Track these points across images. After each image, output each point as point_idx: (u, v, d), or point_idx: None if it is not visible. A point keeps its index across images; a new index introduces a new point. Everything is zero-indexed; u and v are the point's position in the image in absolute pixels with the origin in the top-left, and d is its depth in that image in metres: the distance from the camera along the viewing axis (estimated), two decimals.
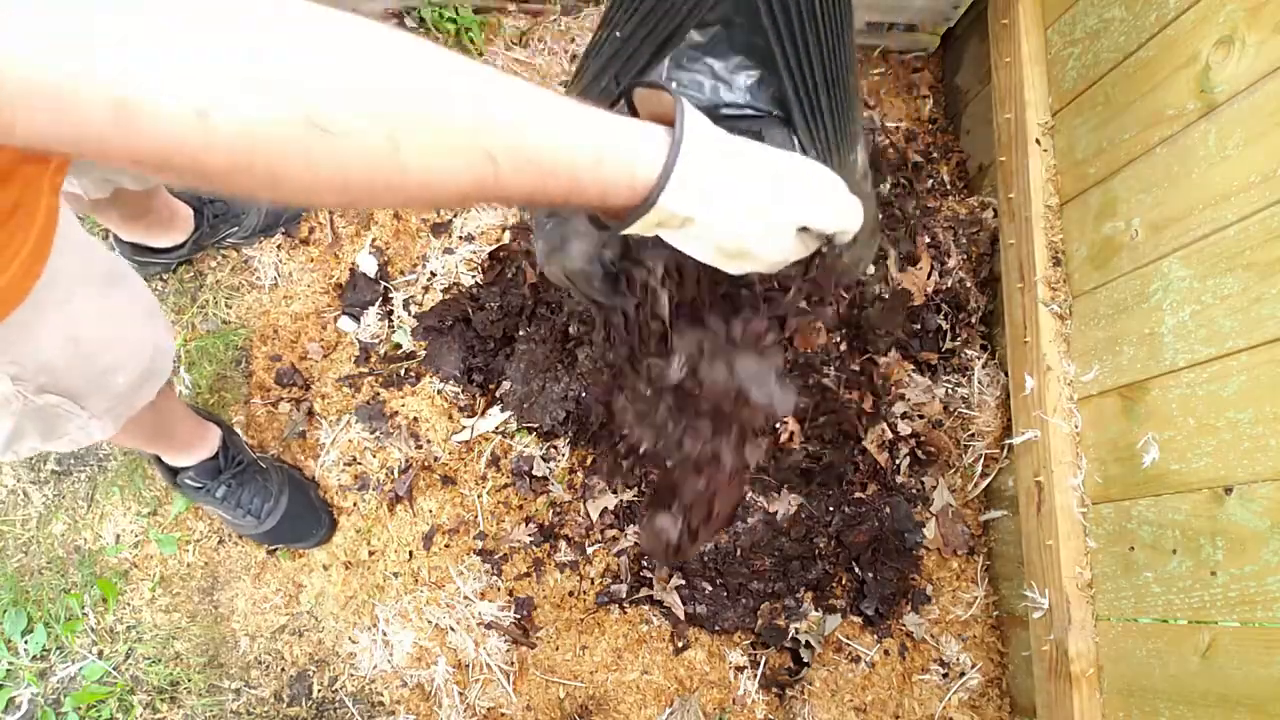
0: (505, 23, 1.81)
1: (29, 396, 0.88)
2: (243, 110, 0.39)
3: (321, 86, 0.41)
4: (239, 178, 0.41)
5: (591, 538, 1.58)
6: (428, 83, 0.46)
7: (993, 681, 1.59)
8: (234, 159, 0.40)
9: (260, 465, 1.50)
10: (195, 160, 0.40)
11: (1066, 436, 1.40)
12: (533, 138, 0.50)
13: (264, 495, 1.48)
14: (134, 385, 1.03)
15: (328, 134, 0.41)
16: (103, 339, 0.95)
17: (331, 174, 0.43)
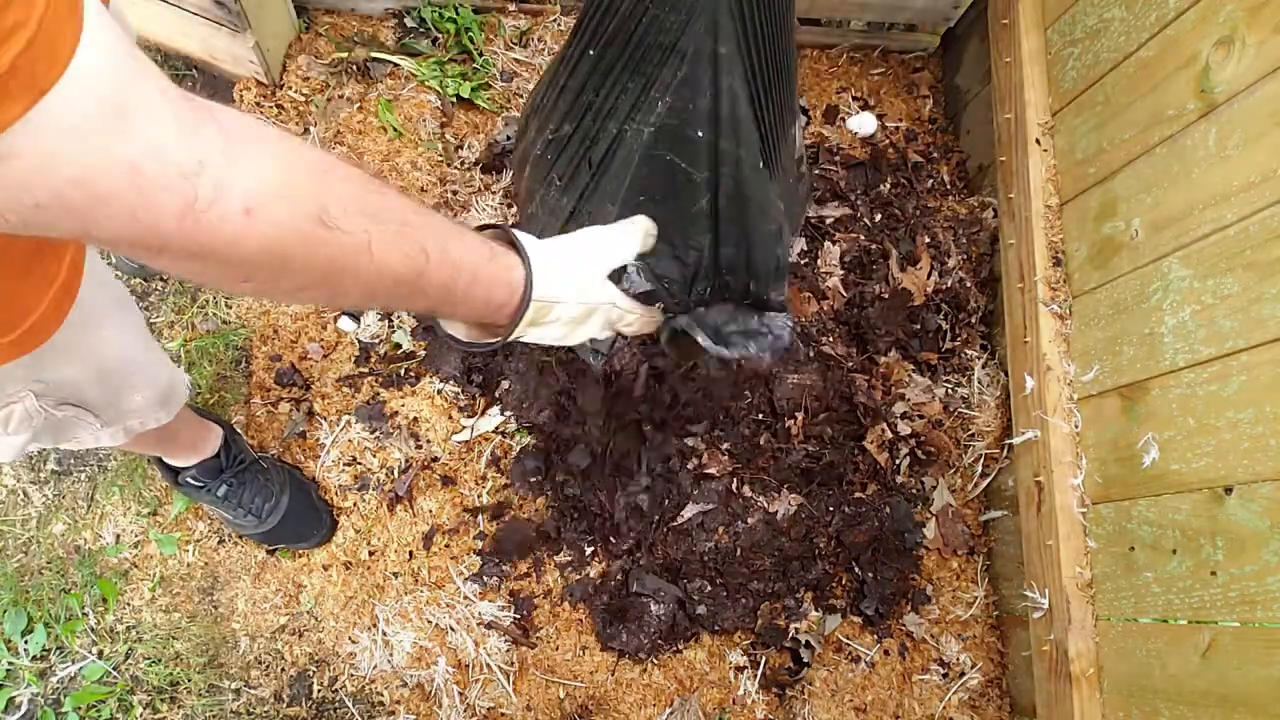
0: (505, 23, 1.81)
1: (50, 410, 0.92)
2: (275, 212, 0.51)
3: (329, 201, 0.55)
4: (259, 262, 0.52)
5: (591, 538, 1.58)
6: (390, 202, 0.63)
7: (993, 681, 1.59)
8: (262, 246, 0.51)
9: (261, 465, 1.50)
10: (233, 248, 0.50)
11: (1066, 436, 1.40)
12: (452, 239, 0.69)
13: (265, 495, 1.48)
14: (150, 405, 1.09)
15: (330, 230, 0.54)
16: (123, 360, 1.00)
17: (325, 260, 0.55)
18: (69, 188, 0.42)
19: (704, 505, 1.58)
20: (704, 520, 1.57)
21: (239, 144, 0.49)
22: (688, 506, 1.57)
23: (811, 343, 1.63)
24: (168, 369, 1.11)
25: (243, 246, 0.50)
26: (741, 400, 1.57)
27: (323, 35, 1.77)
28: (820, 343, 1.64)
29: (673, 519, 1.57)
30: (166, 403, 1.12)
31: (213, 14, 1.55)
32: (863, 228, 1.73)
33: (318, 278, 0.56)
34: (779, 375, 1.60)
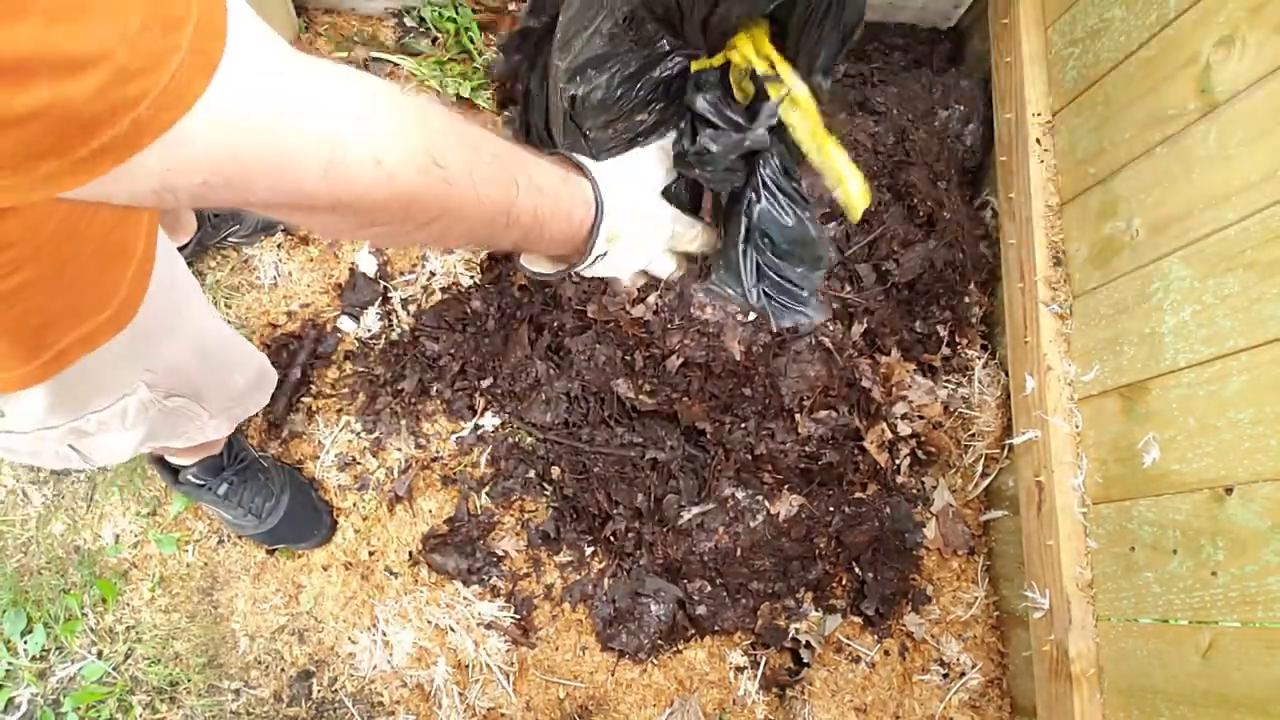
0: (505, 22, 1.81)
1: (161, 401, 0.95)
2: (396, 156, 0.54)
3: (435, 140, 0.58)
4: (388, 207, 0.56)
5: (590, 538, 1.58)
6: (479, 136, 0.65)
7: (993, 682, 1.59)
8: (390, 190, 0.55)
9: (262, 464, 1.50)
10: (366, 196, 0.54)
11: (1067, 436, 1.40)
12: (531, 165, 0.71)
13: (265, 494, 1.47)
14: (250, 387, 1.14)
15: (441, 168, 0.58)
16: (219, 338, 1.05)
17: (438, 197, 0.59)
18: (232, 164, 0.45)
19: (704, 505, 1.58)
20: (704, 520, 1.57)
21: (352, 97, 0.53)
22: (688, 507, 1.57)
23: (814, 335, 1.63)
24: (258, 354, 1.16)
25: (375, 194, 0.54)
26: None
27: (322, 35, 1.77)
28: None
29: (674, 519, 1.57)
30: (262, 384, 1.18)
31: None
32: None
33: (434, 214, 0.60)
34: (785, 367, 1.59)
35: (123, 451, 0.98)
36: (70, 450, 0.93)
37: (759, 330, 1.63)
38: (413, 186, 0.56)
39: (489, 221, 0.66)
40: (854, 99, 1.75)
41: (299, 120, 0.48)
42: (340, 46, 1.75)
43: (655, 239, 0.86)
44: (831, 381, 1.62)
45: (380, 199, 0.55)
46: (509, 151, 0.68)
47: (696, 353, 1.59)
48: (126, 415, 0.92)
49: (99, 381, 0.86)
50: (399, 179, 0.55)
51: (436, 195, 0.59)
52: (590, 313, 1.60)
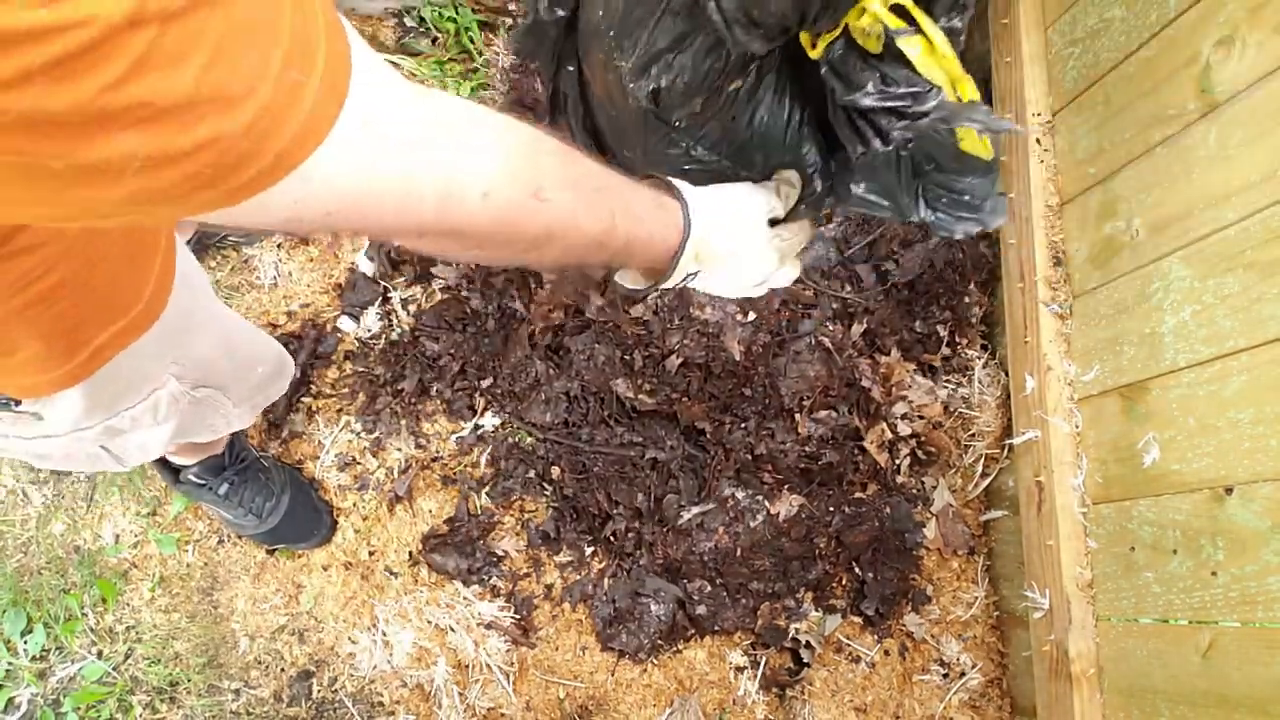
0: (505, 22, 1.81)
1: (190, 392, 0.97)
2: (504, 191, 0.57)
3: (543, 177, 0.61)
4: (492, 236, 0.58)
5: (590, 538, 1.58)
6: (586, 170, 0.68)
7: (993, 682, 1.59)
8: (494, 221, 0.57)
9: (263, 464, 1.50)
10: (473, 226, 0.56)
11: (1067, 436, 1.40)
12: (629, 193, 0.75)
13: (266, 494, 1.47)
14: (271, 377, 1.16)
15: (546, 201, 0.60)
16: (244, 331, 1.09)
17: (540, 229, 0.62)
18: (359, 196, 0.47)
19: (704, 505, 1.58)
20: (704, 520, 1.57)
21: (468, 131, 0.55)
22: (688, 507, 1.57)
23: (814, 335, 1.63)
24: (275, 344, 1.19)
25: (480, 224, 0.56)
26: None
27: None
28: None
29: (674, 519, 1.57)
30: (282, 371, 1.20)
31: None
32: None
33: (532, 243, 0.63)
34: (785, 367, 1.59)
35: (154, 448, 0.99)
36: (102, 451, 0.94)
37: (758, 330, 1.63)
38: (514, 219, 0.59)
39: (584, 247, 0.69)
40: None
41: (424, 152, 0.50)
42: None
43: (759, 263, 0.89)
44: (831, 381, 1.62)
45: (484, 229, 0.57)
46: (611, 181, 0.71)
47: (696, 353, 1.59)
48: (159, 409, 0.93)
49: (132, 377, 0.87)
50: (503, 212, 0.57)
51: (538, 226, 0.61)
52: (589, 313, 1.60)
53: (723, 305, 1.61)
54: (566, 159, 0.65)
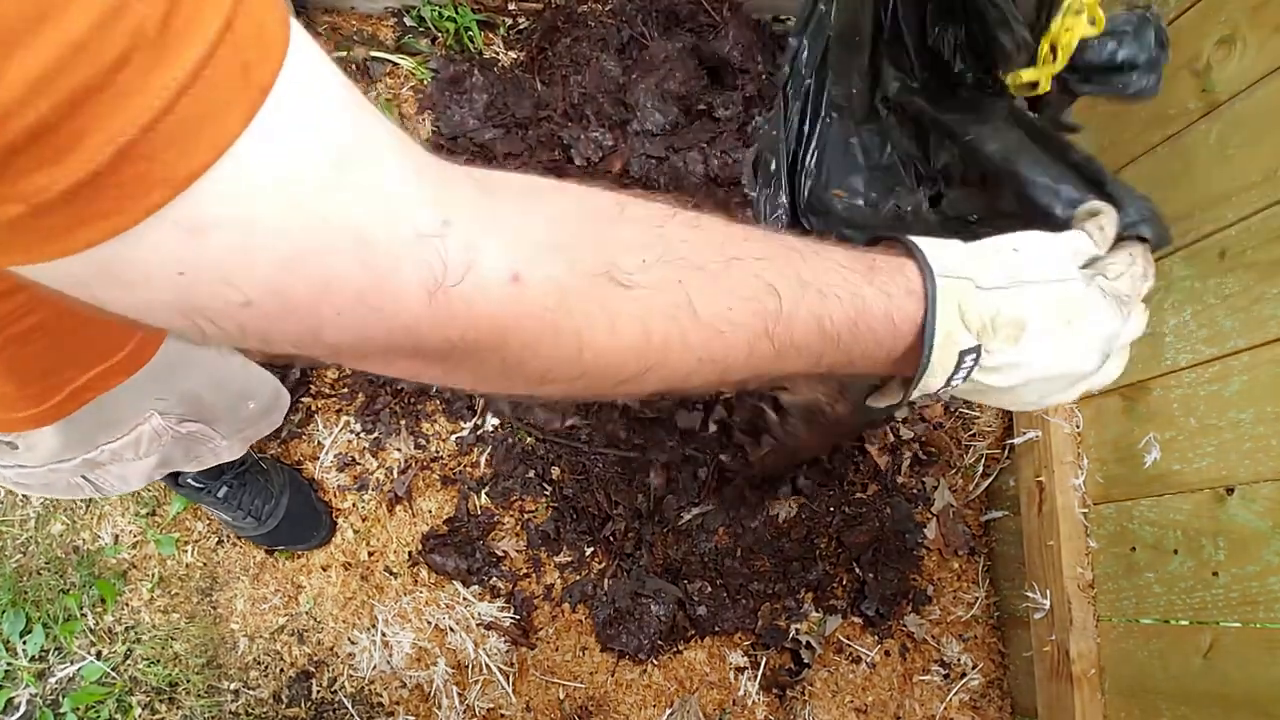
0: (505, 22, 1.81)
1: (174, 428, 0.93)
2: (549, 272, 0.38)
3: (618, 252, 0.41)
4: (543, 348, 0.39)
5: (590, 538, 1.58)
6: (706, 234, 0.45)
7: (994, 682, 1.59)
8: (541, 322, 0.38)
9: (261, 466, 1.50)
10: (502, 330, 0.37)
11: (1068, 436, 1.40)
12: (806, 261, 0.48)
13: (265, 496, 1.47)
14: (264, 411, 1.12)
15: (628, 289, 0.40)
16: (234, 366, 1.03)
17: (633, 333, 0.41)
18: (281, 272, 0.30)
19: (704, 506, 1.57)
20: (704, 520, 1.57)
21: (493, 192, 0.38)
22: (688, 507, 1.57)
23: None
24: (270, 379, 1.15)
25: (515, 327, 0.37)
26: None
27: (322, 34, 1.76)
28: None
29: (674, 520, 1.57)
30: (275, 407, 1.16)
31: None
32: None
33: (631, 358, 0.41)
34: None
35: (136, 480, 0.97)
36: (83, 480, 0.92)
37: None
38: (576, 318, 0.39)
39: (741, 357, 0.45)
40: None
41: (390, 213, 0.33)
42: (340, 46, 1.75)
43: (1089, 322, 0.53)
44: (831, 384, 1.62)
45: (524, 335, 0.38)
46: (762, 250, 0.46)
47: None
48: (140, 444, 0.90)
49: (113, 415, 0.84)
50: (553, 307, 0.38)
51: (627, 330, 0.40)
52: None
53: None
54: (667, 221, 0.43)
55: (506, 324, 0.37)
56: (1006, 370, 0.52)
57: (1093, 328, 0.53)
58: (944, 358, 0.50)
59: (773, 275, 0.45)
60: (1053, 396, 0.57)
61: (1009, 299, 0.51)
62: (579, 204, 0.41)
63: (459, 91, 1.73)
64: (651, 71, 1.70)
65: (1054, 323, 0.52)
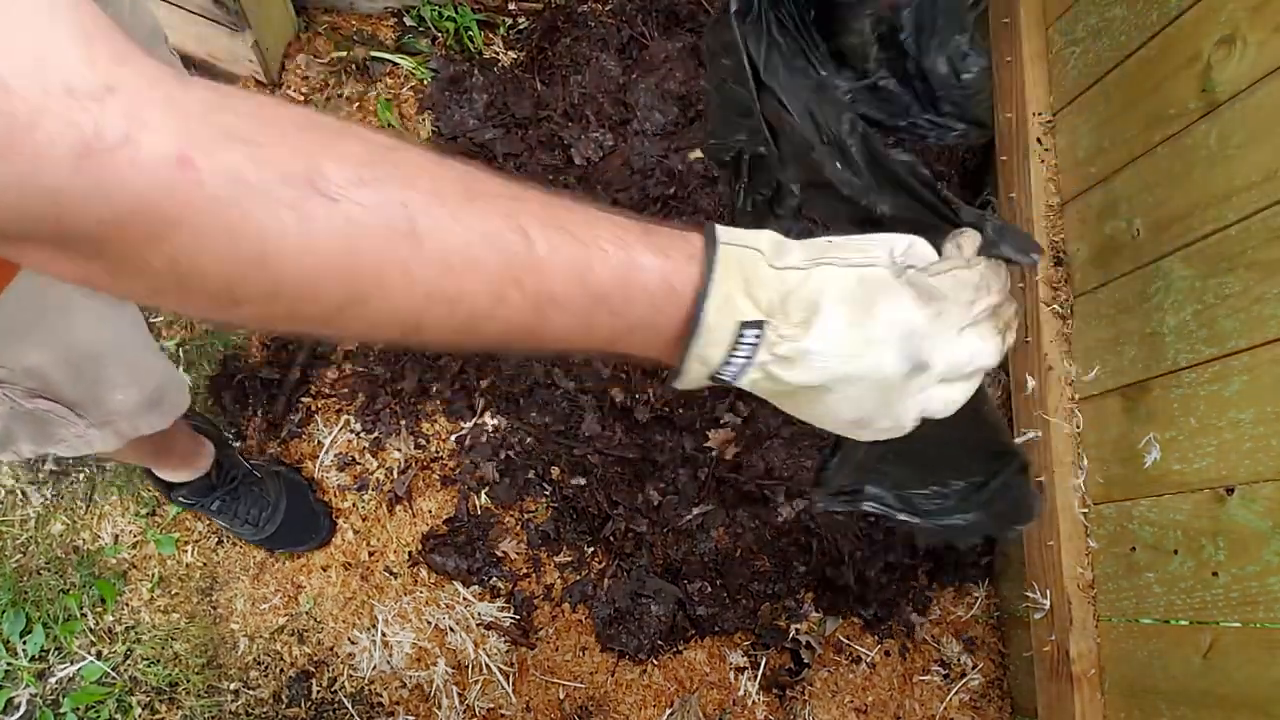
0: (505, 22, 1.81)
1: (17, 400, 0.87)
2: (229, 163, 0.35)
3: (327, 160, 0.37)
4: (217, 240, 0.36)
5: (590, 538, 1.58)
6: (449, 169, 0.42)
7: (994, 682, 1.59)
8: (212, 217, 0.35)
9: (255, 475, 1.49)
10: (159, 214, 0.34)
11: (1068, 437, 1.40)
12: (570, 214, 0.44)
13: (261, 505, 1.47)
14: (140, 407, 1.03)
15: (335, 201, 0.37)
16: (97, 353, 0.93)
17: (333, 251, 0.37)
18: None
19: (704, 506, 1.57)
20: (704, 521, 1.57)
21: (191, 86, 0.35)
22: (688, 507, 1.57)
23: None
24: (161, 373, 1.07)
25: (177, 217, 0.33)
26: None
27: (322, 34, 1.76)
28: None
29: (674, 520, 1.57)
30: (158, 407, 1.07)
31: (211, 13, 1.54)
32: None
33: (332, 280, 0.37)
34: None
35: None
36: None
37: None
38: (258, 220, 0.35)
39: (478, 298, 0.41)
40: None
41: (40, 65, 0.31)
42: (340, 46, 1.75)
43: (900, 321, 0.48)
44: None
45: (195, 230, 0.34)
46: (513, 193, 0.43)
47: None
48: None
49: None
50: (226, 200, 0.34)
51: (326, 246, 0.36)
52: None
53: None
54: (401, 150, 0.40)
55: (166, 210, 0.33)
56: (802, 362, 0.47)
57: (889, 314, 0.47)
58: (722, 323, 0.46)
59: (525, 218, 0.42)
60: (868, 412, 0.49)
61: (804, 279, 0.47)
62: (300, 114, 0.37)
63: (459, 91, 1.73)
64: (651, 71, 1.70)
65: (849, 309, 0.47)
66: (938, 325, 0.48)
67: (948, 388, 0.50)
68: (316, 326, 0.40)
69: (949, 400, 0.50)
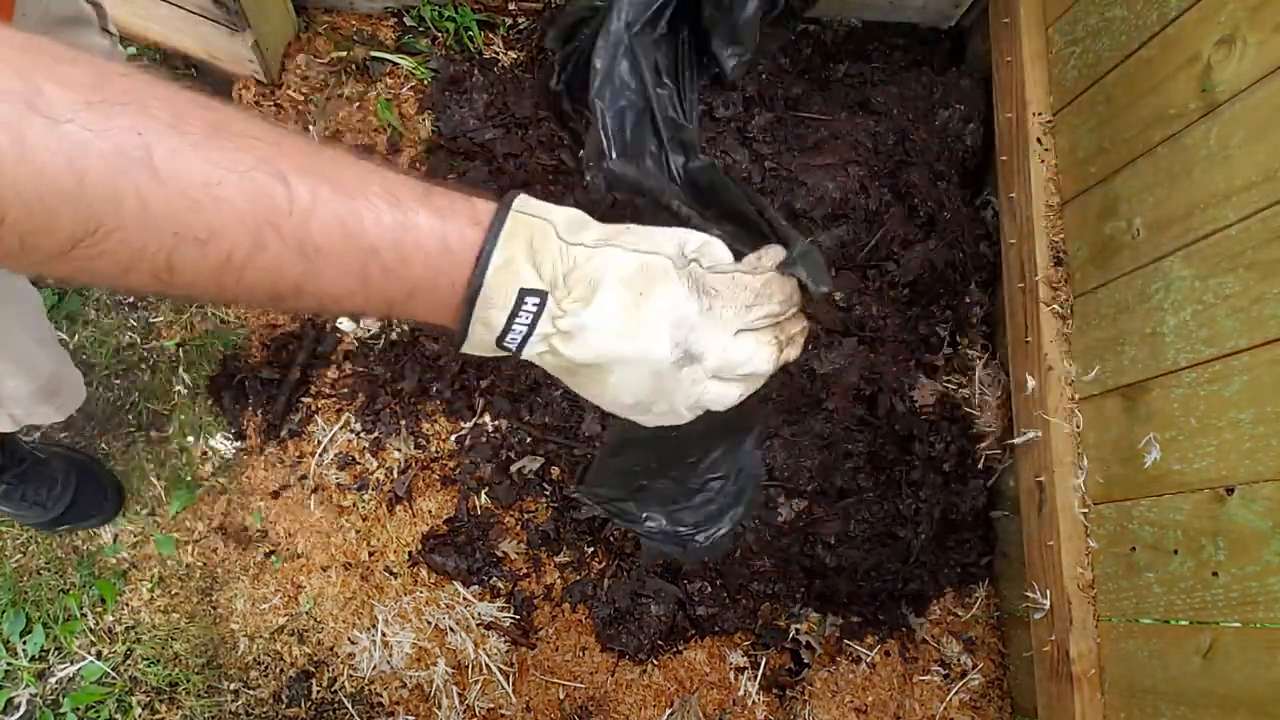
0: (505, 21, 1.81)
1: None
2: None
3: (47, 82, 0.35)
4: None
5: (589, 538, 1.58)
6: (199, 108, 0.40)
7: (994, 682, 1.59)
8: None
9: (39, 457, 1.47)
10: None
11: (1068, 437, 1.40)
12: (339, 164, 0.43)
13: (49, 485, 1.45)
14: (29, 397, 1.05)
15: (58, 124, 0.35)
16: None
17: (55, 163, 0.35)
18: None
19: None
20: None
21: None
22: None
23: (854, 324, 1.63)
24: (53, 365, 1.08)
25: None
26: None
27: (322, 34, 1.76)
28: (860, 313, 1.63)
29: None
30: (53, 399, 1.09)
31: (212, 13, 1.54)
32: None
33: (64, 206, 0.35)
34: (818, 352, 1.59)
35: None
36: None
37: None
38: None
39: (232, 237, 0.39)
40: (854, 99, 1.75)
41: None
42: (339, 46, 1.75)
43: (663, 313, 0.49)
44: (872, 369, 1.62)
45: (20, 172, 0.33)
46: (272, 136, 0.41)
47: None
48: None
49: None
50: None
51: (45, 169, 0.34)
52: None
53: None
54: (147, 81, 0.38)
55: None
56: (579, 338, 0.48)
57: (661, 301, 0.49)
58: (502, 286, 0.46)
59: (283, 162, 0.40)
60: (645, 396, 0.51)
61: (590, 256, 0.48)
62: (24, 38, 0.35)
63: (459, 91, 1.73)
64: None
65: (627, 291, 0.48)
66: (708, 320, 0.50)
67: (722, 385, 0.52)
68: (60, 265, 0.37)
69: (723, 396, 0.52)
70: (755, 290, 0.51)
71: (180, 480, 1.57)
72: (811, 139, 1.68)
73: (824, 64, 1.81)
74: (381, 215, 0.43)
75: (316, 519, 1.57)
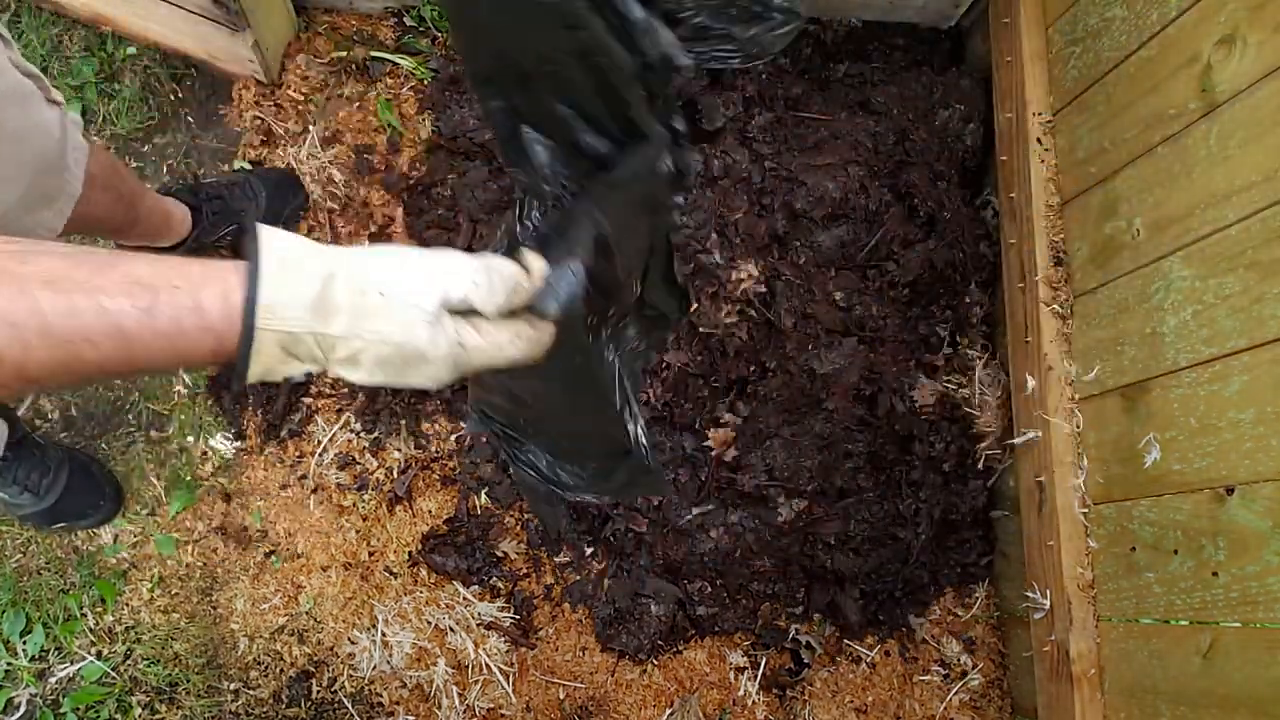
0: None
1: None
2: None
3: None
4: None
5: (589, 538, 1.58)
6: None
7: (994, 682, 1.59)
8: None
9: (37, 441, 1.47)
10: None
11: (1068, 437, 1.40)
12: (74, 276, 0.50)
13: (42, 470, 1.44)
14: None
15: None
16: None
17: None
18: None
19: (704, 506, 1.57)
20: (704, 521, 1.57)
21: None
22: (688, 507, 1.57)
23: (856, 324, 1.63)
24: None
25: None
26: None
27: (322, 34, 1.76)
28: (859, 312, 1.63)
29: (674, 520, 1.57)
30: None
31: (212, 13, 1.54)
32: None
33: None
34: (818, 352, 1.59)
35: None
36: None
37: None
38: None
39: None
40: (854, 99, 1.75)
41: None
42: (340, 46, 1.75)
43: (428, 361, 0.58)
44: (872, 368, 1.62)
45: None
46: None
47: (696, 358, 1.59)
48: None
49: None
50: None
51: None
52: None
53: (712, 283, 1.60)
54: None
55: None
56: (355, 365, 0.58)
57: (417, 377, 0.59)
58: (271, 376, 0.56)
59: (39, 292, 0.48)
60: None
61: (346, 342, 0.57)
62: None
63: (459, 91, 1.73)
64: None
65: (383, 371, 0.58)
66: (469, 353, 0.59)
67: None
68: None
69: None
70: (487, 286, 0.59)
71: (180, 480, 1.57)
72: (811, 139, 1.68)
73: (824, 64, 1.81)
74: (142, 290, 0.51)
75: (316, 519, 1.57)
